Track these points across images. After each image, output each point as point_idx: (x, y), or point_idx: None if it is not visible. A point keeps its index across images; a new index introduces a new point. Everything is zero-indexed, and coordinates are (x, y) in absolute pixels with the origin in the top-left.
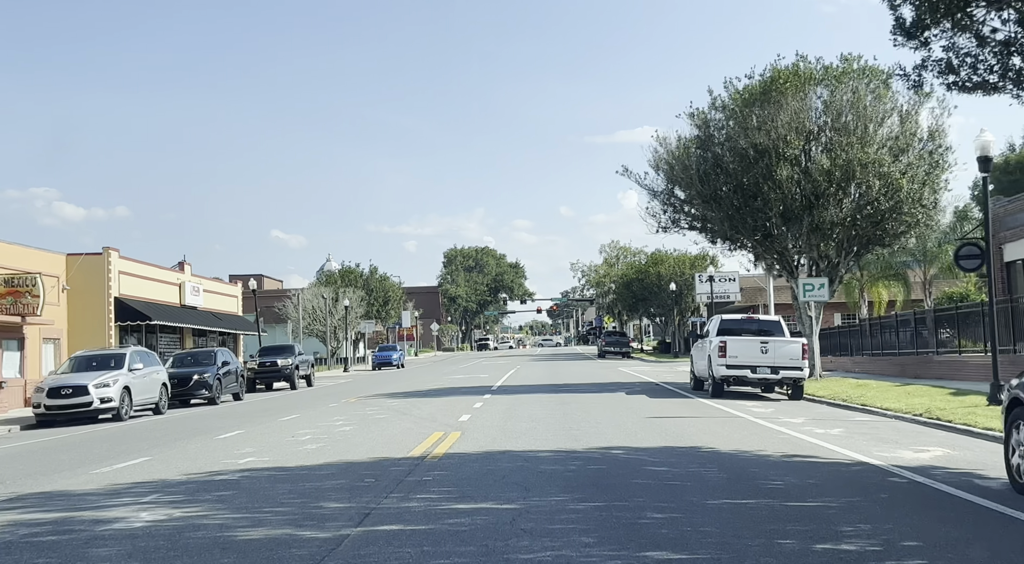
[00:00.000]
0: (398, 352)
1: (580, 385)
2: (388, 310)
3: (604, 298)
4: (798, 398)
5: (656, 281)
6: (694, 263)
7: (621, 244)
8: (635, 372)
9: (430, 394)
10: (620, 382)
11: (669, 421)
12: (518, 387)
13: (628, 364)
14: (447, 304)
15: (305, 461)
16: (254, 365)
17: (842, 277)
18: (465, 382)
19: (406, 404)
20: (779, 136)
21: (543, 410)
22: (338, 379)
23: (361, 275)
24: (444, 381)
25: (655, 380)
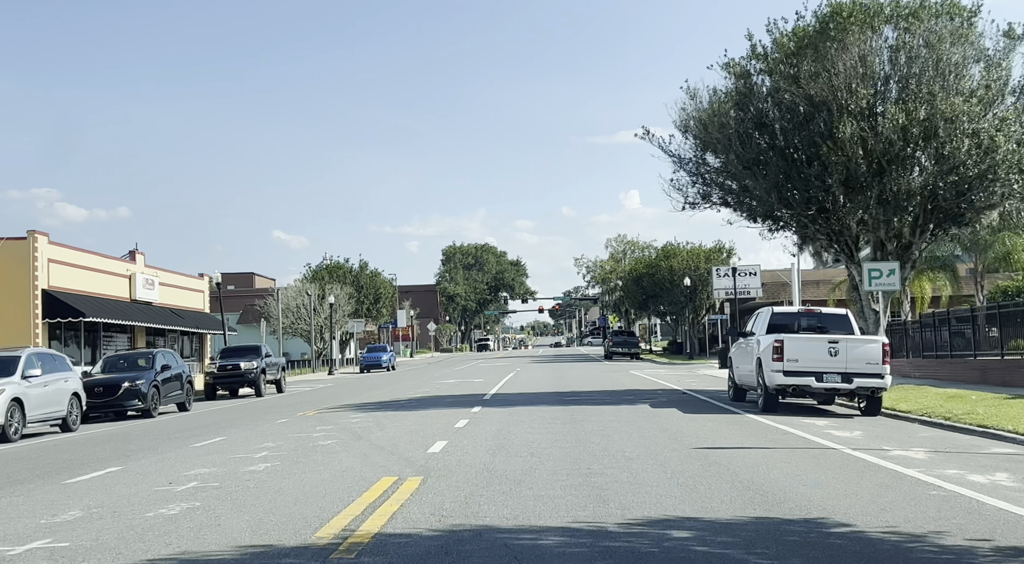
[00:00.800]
0: (388, 353)
1: (591, 394)
2: (379, 308)
3: (610, 296)
4: (874, 413)
5: (668, 276)
6: (709, 256)
7: (628, 238)
8: (651, 377)
9: (408, 406)
10: (638, 390)
11: (729, 455)
12: (516, 396)
13: (640, 367)
14: (445, 303)
15: (136, 545)
16: (213, 368)
17: (915, 261)
18: (455, 388)
19: (371, 421)
20: (842, 84)
21: (547, 434)
22: (317, 383)
23: (350, 270)
24: (431, 387)
25: (679, 387)
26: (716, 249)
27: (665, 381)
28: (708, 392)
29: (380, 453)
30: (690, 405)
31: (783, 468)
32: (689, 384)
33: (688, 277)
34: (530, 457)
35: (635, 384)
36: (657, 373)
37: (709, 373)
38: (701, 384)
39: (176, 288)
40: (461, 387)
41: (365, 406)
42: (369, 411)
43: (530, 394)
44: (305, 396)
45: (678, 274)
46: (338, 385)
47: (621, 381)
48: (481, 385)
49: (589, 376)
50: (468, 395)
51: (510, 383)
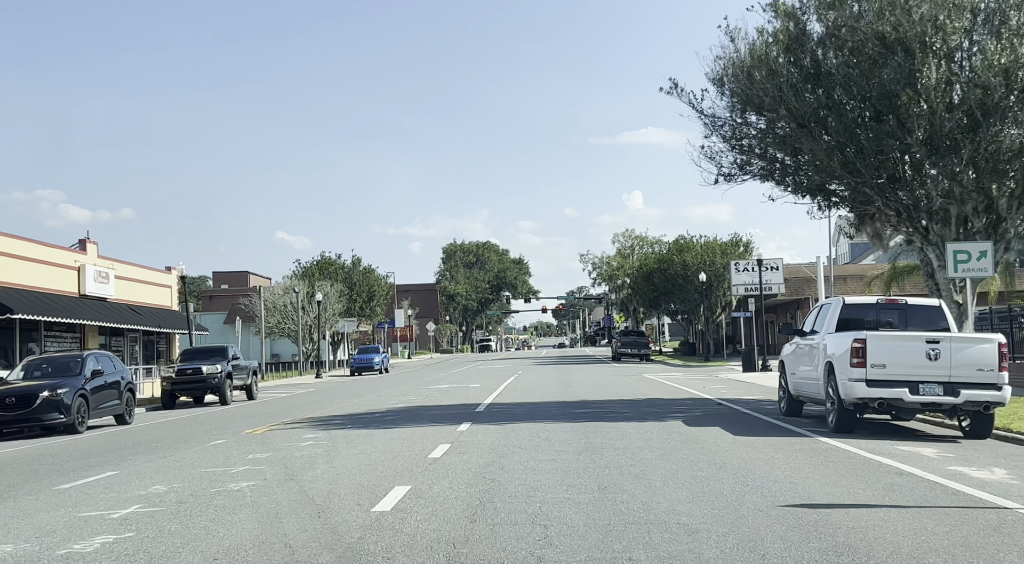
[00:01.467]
0: (381, 355)
1: (606, 405)
2: (373, 307)
3: (617, 294)
4: (984, 435)
5: (681, 271)
6: (725, 250)
7: (636, 233)
8: (670, 382)
9: (382, 421)
10: (661, 399)
11: (846, 521)
12: (515, 408)
13: (653, 370)
14: (445, 303)
15: None
16: (171, 373)
17: (1009, 241)
18: (445, 396)
19: (322, 447)
20: (925, 18)
21: (556, 473)
22: (298, 388)
23: (342, 267)
24: (419, 394)
25: (708, 395)
26: (733, 243)
27: (688, 387)
28: (746, 403)
29: (294, 515)
30: (734, 422)
31: (936, 551)
32: (719, 392)
33: (703, 272)
34: (531, 525)
35: (654, 391)
36: (675, 377)
37: (734, 378)
38: (732, 391)
39: (137, 282)
40: (453, 394)
41: (330, 421)
42: (331, 429)
43: (532, 404)
44: (274, 405)
45: (692, 269)
46: (319, 391)
47: (637, 387)
48: (476, 392)
49: (599, 381)
50: (458, 406)
51: (510, 389)
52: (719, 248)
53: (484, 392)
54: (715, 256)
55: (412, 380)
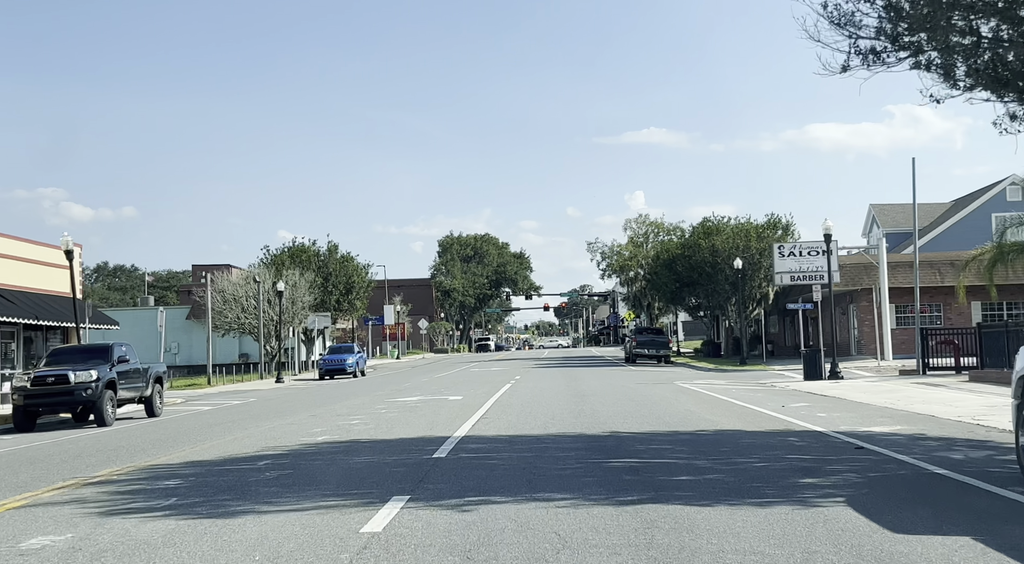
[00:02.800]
0: (356, 355)
1: (654, 440)
2: (352, 300)
3: (629, 287)
4: None
5: (709, 258)
6: (762, 233)
7: (652, 218)
8: (720, 394)
9: (237, 490)
10: (740, 430)
11: None
12: (503, 448)
13: (682, 374)
14: (440, 299)
15: None
16: (25, 381)
17: None
18: (403, 419)
19: None
20: None
21: None
22: (237, 398)
23: (317, 254)
24: (370, 413)
25: (819, 427)
26: (770, 224)
27: (757, 406)
28: (897, 441)
29: None
30: (942, 502)
31: None
32: (814, 416)
33: (739, 258)
34: None
35: (714, 412)
36: (719, 387)
37: (801, 388)
38: (835, 414)
39: (21, 262)
40: (417, 415)
41: (156, 480)
42: (110, 515)
43: (530, 440)
44: (159, 429)
45: (723, 255)
46: (257, 402)
47: (682, 405)
48: (453, 411)
49: (621, 391)
50: (411, 442)
51: (501, 406)
52: (754, 231)
53: (463, 411)
54: (750, 240)
55: (382, 387)
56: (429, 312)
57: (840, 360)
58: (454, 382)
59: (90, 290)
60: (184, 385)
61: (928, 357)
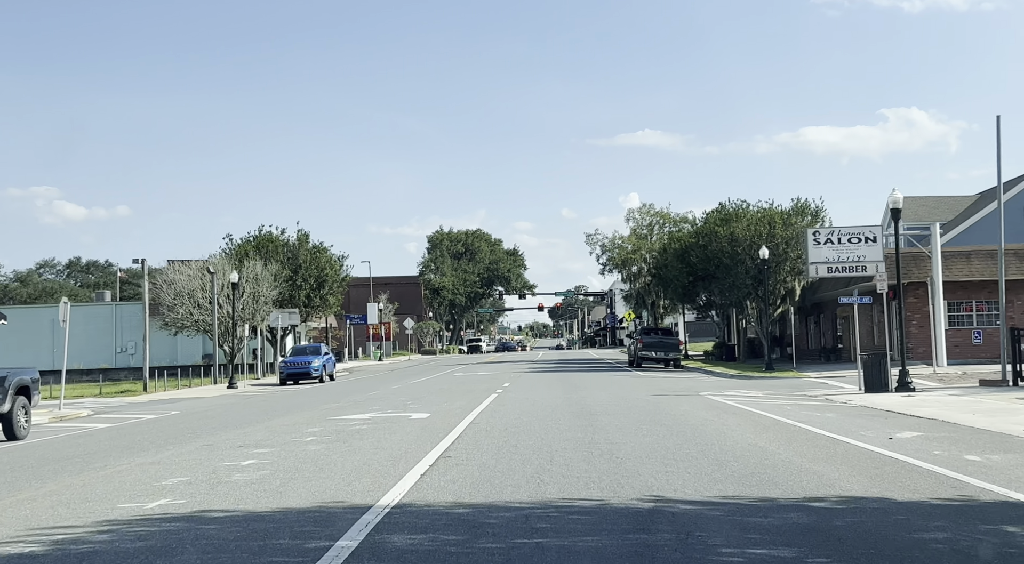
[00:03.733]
0: (323, 357)
1: (740, 522)
2: (324, 295)
3: (632, 283)
4: None
5: (728, 248)
6: (788, 220)
7: (657, 208)
8: (795, 419)
9: None
10: (898, 500)
11: None
12: (460, 532)
13: (703, 382)
14: (429, 297)
15: None
16: None
17: None
18: (333, 452)
19: None
20: None
21: None
22: (162, 410)
23: (286, 244)
24: (301, 437)
25: (1011, 491)
26: (797, 209)
27: (859, 439)
28: None
29: None
30: None
31: None
32: (978, 463)
33: (764, 247)
34: None
35: (805, 455)
36: (769, 403)
37: (888, 406)
38: (1008, 457)
39: None
40: (342, 451)
41: None
42: None
43: (509, 527)
44: None
45: (743, 245)
46: (180, 418)
47: (744, 437)
48: (398, 446)
49: (640, 407)
50: (284, 527)
51: (474, 436)
52: (779, 218)
53: (420, 441)
54: (774, 228)
55: (341, 397)
56: (417, 311)
57: (906, 363)
58: (429, 391)
59: (58, 286)
60: (115, 392)
61: (1020, 363)
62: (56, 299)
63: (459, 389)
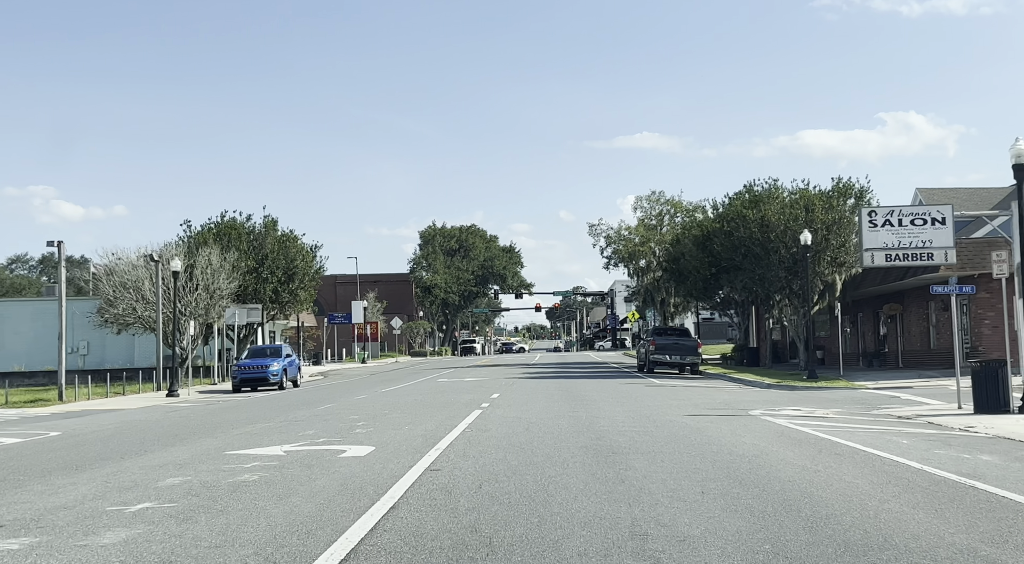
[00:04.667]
0: (283, 360)
1: None
2: (293, 290)
3: (640, 278)
4: None
5: (758, 234)
6: (829, 202)
7: (668, 196)
8: (912, 459)
9: None
10: None
11: None
12: None
13: (744, 396)
14: (421, 295)
15: None
16: None
17: None
18: (140, 549)
19: None
20: None
21: None
22: (45, 429)
23: (251, 232)
24: (141, 492)
25: None
26: (839, 190)
27: None
28: None
29: None
30: None
31: None
32: None
33: (807, 231)
34: None
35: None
36: (847, 427)
37: (1009, 433)
38: None
39: None
40: (174, 549)
41: None
42: None
43: None
44: None
45: (776, 230)
46: (42, 445)
47: (872, 498)
48: (256, 543)
49: (677, 435)
50: None
51: (421, 503)
52: (818, 200)
53: (311, 530)
54: (813, 211)
55: (274, 415)
56: (408, 310)
57: (938, 374)
58: (396, 404)
59: (27, 282)
60: (25, 401)
61: None
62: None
63: (435, 402)
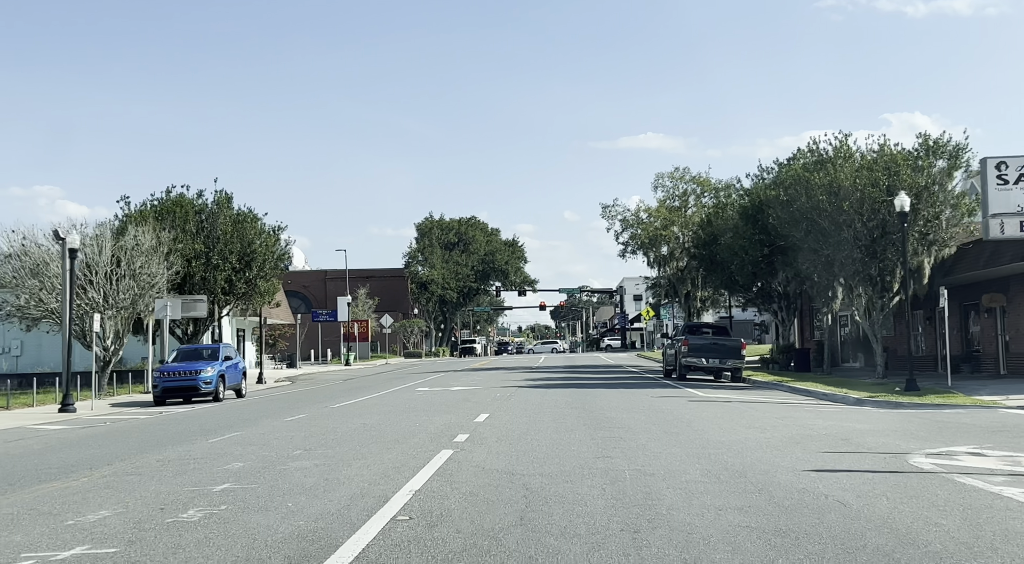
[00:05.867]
0: (221, 363)
1: None
2: (251, 279)
3: (662, 267)
4: None
5: (826, 204)
6: (919, 163)
7: (693, 173)
8: None
9: None
10: None
11: None
12: None
13: (845, 416)
14: (416, 292)
15: None
16: None
17: None
18: None
19: None
20: None
21: None
22: None
23: (201, 210)
24: None
25: None
26: (931, 148)
27: None
28: None
29: None
30: None
31: None
32: None
33: (904, 194)
34: None
35: None
36: None
37: None
38: None
39: None
40: None
41: None
42: None
43: None
44: None
45: (851, 198)
46: None
47: None
48: None
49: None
50: None
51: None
52: (903, 160)
53: None
54: (898, 174)
55: (125, 455)
56: (403, 308)
57: None
58: (323, 438)
59: None
60: None
61: None
62: None
63: (388, 432)
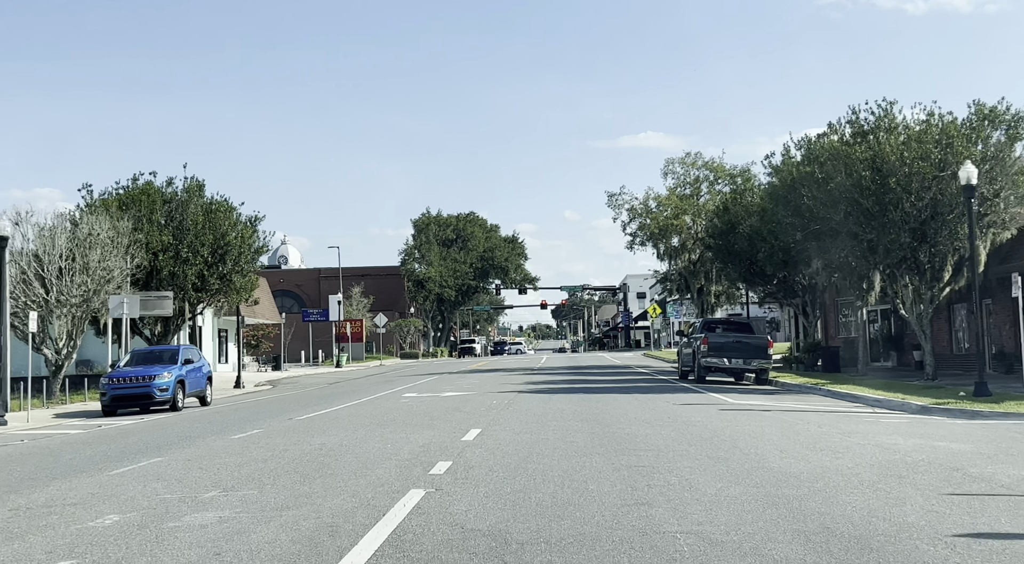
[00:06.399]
0: (180, 368)
1: None
2: (225, 274)
3: (674, 260)
4: None
5: (871, 182)
6: (973, 134)
7: (706, 158)
8: None
9: None
10: None
11: None
12: None
13: (911, 429)
14: (413, 290)
15: None
16: None
17: None
18: None
19: None
20: None
21: None
22: None
23: (170, 200)
24: None
25: None
26: (987, 115)
27: None
28: None
29: None
30: None
31: None
32: None
33: (970, 163)
34: None
35: None
36: None
37: None
38: None
39: None
40: None
41: None
42: None
43: None
44: None
45: (899, 174)
46: None
47: None
48: None
49: None
50: None
51: None
52: (957, 133)
53: None
54: (951, 147)
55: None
56: (400, 307)
57: None
58: (265, 466)
59: None
60: None
61: None
62: None
63: (349, 458)
